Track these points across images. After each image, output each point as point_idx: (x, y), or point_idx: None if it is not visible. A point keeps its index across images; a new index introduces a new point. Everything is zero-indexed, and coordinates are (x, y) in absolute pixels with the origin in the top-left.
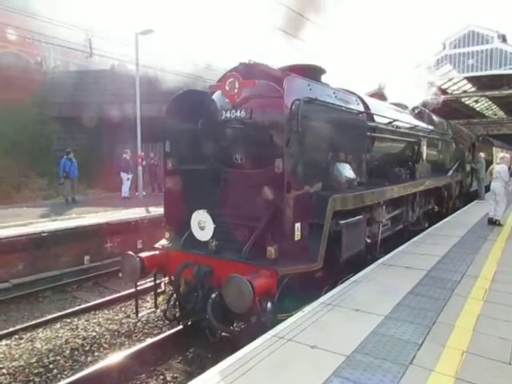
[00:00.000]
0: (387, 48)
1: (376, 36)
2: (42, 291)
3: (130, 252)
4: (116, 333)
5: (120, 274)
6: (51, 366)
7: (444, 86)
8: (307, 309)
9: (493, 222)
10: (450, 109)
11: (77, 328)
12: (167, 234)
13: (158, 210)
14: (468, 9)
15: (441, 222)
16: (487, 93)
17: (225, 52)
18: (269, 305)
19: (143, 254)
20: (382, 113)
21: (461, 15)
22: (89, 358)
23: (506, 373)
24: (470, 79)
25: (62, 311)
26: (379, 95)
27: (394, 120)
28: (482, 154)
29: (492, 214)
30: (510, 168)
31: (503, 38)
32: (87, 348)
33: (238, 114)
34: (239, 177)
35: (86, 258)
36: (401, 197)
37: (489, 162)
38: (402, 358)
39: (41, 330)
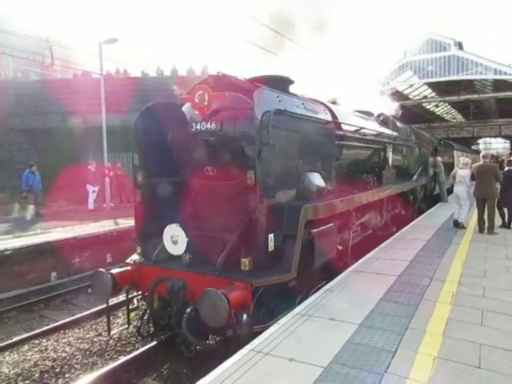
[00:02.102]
0: (353, 57)
1: (341, 45)
2: (7, 311)
3: (101, 269)
4: (88, 352)
5: (89, 290)
6: None
7: (405, 92)
8: (283, 320)
9: (457, 225)
10: (412, 113)
11: (46, 349)
12: (139, 249)
13: (126, 222)
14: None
15: (408, 226)
16: (446, 98)
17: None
18: (244, 317)
19: (115, 271)
20: (349, 121)
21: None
22: (60, 381)
23: (477, 377)
24: (430, 85)
25: (30, 332)
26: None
27: (361, 128)
28: (440, 158)
29: (456, 216)
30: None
31: (460, 46)
32: (58, 370)
33: (209, 126)
34: (211, 189)
35: (53, 274)
36: (369, 203)
37: (450, 165)
38: (378, 366)
39: (7, 353)
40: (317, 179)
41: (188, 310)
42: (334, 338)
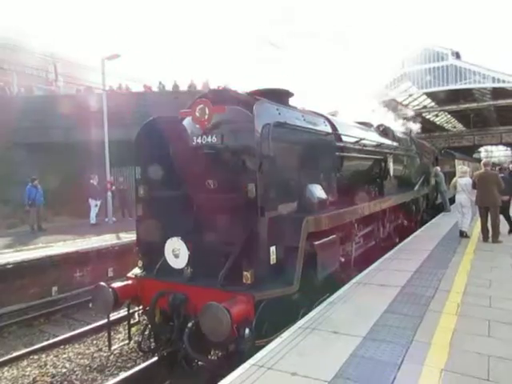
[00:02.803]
0: (351, 67)
1: (340, 55)
2: (6, 326)
3: (102, 283)
4: (88, 368)
5: (90, 305)
6: None
7: (405, 102)
8: (285, 334)
9: (461, 234)
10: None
11: (45, 365)
12: (140, 263)
13: (128, 236)
14: (425, 26)
15: (411, 237)
16: (446, 107)
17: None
18: (247, 331)
19: (116, 285)
20: (349, 132)
21: (418, 33)
22: None
23: None
24: (429, 95)
25: (29, 347)
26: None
27: (361, 139)
28: (439, 168)
29: (460, 225)
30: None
31: (457, 55)
32: None
33: (209, 139)
34: (212, 202)
35: (54, 288)
36: (371, 214)
37: (452, 174)
38: (383, 380)
39: (6, 368)
40: (318, 191)
41: (189, 324)
42: (338, 352)
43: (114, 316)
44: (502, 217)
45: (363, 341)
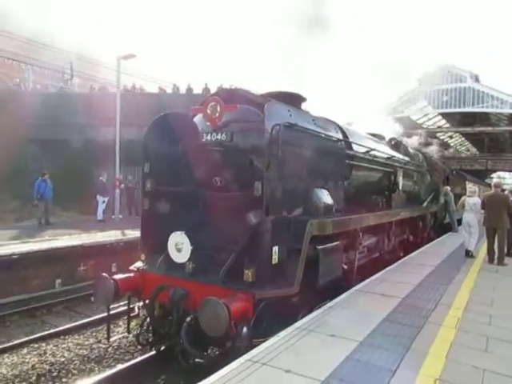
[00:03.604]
0: (366, 80)
1: (357, 68)
2: (9, 315)
3: (104, 274)
4: (86, 358)
5: (92, 298)
6: None
7: (420, 121)
8: (282, 333)
9: (467, 253)
10: (426, 143)
11: (45, 353)
12: (143, 256)
13: (134, 233)
14: (443, 48)
15: (416, 252)
16: (460, 129)
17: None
18: (244, 329)
19: (117, 276)
20: (360, 142)
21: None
22: None
23: None
24: (445, 115)
25: (30, 336)
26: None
27: (372, 149)
28: (448, 188)
29: (466, 245)
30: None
31: (476, 78)
32: (55, 374)
33: (219, 136)
34: (218, 199)
35: (58, 281)
36: (377, 225)
37: (462, 196)
38: None
39: (7, 355)
40: (325, 196)
41: (188, 319)
42: (334, 354)
43: (114, 309)
44: None
45: (360, 346)
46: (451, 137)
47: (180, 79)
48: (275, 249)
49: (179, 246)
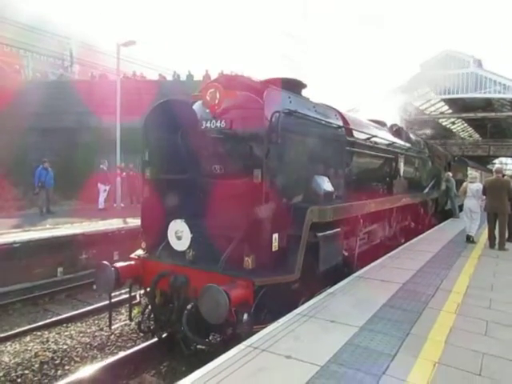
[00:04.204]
0: (369, 67)
1: (358, 55)
2: (12, 304)
3: (105, 262)
4: (88, 346)
5: (94, 286)
6: (19, 380)
7: (422, 107)
8: (283, 320)
9: (468, 239)
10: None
11: (47, 341)
12: (143, 244)
13: (135, 222)
14: (445, 32)
15: (416, 238)
16: (463, 114)
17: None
18: (245, 316)
19: (118, 264)
20: (361, 128)
21: (438, 37)
22: (59, 372)
23: (477, 383)
24: (447, 101)
25: (33, 324)
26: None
27: (373, 136)
28: (451, 173)
29: (468, 230)
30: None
31: (479, 63)
32: (57, 361)
33: (219, 124)
34: (218, 187)
35: (60, 269)
36: (378, 211)
37: (463, 182)
38: (376, 368)
39: (9, 343)
40: (325, 183)
41: (189, 306)
42: (334, 339)
43: (116, 297)
44: None
45: (360, 331)
46: (453, 123)
47: (181, 66)
48: (275, 236)
49: (179, 234)
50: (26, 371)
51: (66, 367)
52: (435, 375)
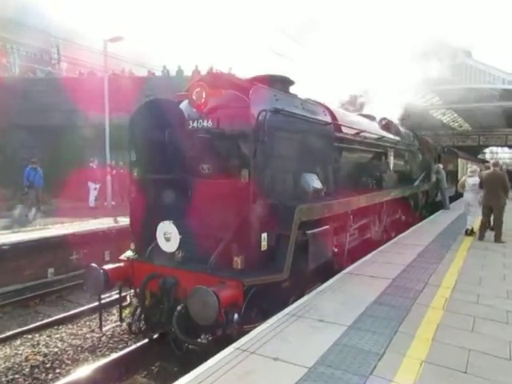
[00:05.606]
0: (358, 59)
1: (346, 46)
2: (1, 306)
3: (94, 264)
4: (79, 348)
5: (85, 287)
6: None
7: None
8: (271, 320)
9: (466, 231)
10: (418, 120)
11: (38, 344)
12: (133, 245)
13: (126, 220)
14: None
15: (407, 231)
16: (453, 105)
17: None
18: (235, 316)
19: (107, 267)
20: (350, 124)
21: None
22: (49, 376)
23: (462, 381)
24: (437, 92)
25: (23, 327)
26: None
27: (362, 131)
28: (441, 165)
29: (468, 224)
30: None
31: (468, 54)
32: (48, 365)
33: (205, 123)
34: (206, 187)
35: (50, 270)
36: (368, 206)
37: (454, 173)
38: (363, 368)
39: None
40: (313, 180)
41: (179, 307)
42: (322, 339)
43: (106, 298)
44: None
45: (348, 330)
46: (444, 114)
47: (173, 62)
48: (264, 235)
49: (168, 236)
50: (17, 375)
51: (57, 370)
52: (422, 374)
